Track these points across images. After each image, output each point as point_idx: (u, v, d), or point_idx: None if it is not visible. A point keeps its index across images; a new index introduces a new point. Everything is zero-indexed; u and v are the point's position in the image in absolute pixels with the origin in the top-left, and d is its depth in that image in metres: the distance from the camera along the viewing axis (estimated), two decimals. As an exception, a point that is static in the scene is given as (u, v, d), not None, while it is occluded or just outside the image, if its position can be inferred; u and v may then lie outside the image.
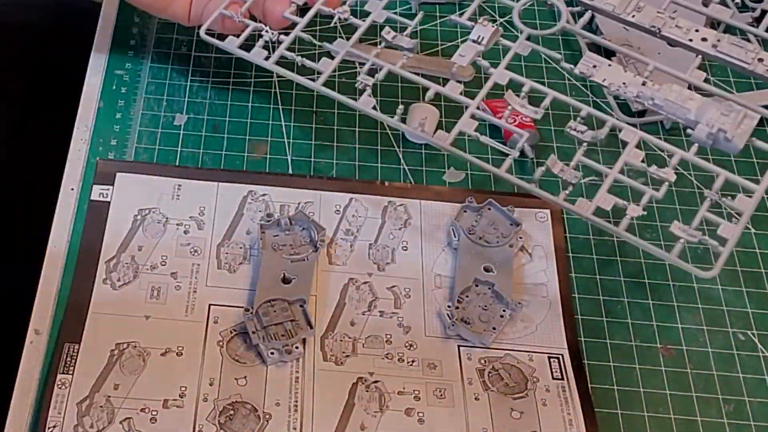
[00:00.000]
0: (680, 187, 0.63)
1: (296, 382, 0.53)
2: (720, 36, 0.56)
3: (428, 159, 0.63)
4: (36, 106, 0.82)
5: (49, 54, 0.70)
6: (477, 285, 0.57)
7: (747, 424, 0.53)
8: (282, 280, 0.55)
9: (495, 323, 0.55)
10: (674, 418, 0.53)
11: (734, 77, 0.70)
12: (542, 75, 0.69)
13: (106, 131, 0.63)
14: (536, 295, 0.57)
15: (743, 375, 0.55)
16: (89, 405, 0.51)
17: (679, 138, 0.66)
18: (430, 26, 0.71)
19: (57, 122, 0.66)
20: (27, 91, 0.83)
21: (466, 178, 0.63)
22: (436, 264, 0.58)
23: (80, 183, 0.60)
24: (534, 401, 0.53)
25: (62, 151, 0.62)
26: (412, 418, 0.52)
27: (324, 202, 0.60)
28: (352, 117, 0.65)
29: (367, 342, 0.55)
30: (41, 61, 0.72)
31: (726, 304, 0.58)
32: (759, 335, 0.57)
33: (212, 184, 0.60)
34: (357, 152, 0.63)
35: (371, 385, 0.53)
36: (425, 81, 0.56)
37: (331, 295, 0.56)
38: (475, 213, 0.59)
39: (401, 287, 0.57)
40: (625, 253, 0.60)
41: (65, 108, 0.65)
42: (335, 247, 0.58)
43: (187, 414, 0.51)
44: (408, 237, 0.59)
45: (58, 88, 0.70)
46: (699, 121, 0.52)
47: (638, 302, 0.58)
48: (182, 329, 0.54)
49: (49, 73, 0.76)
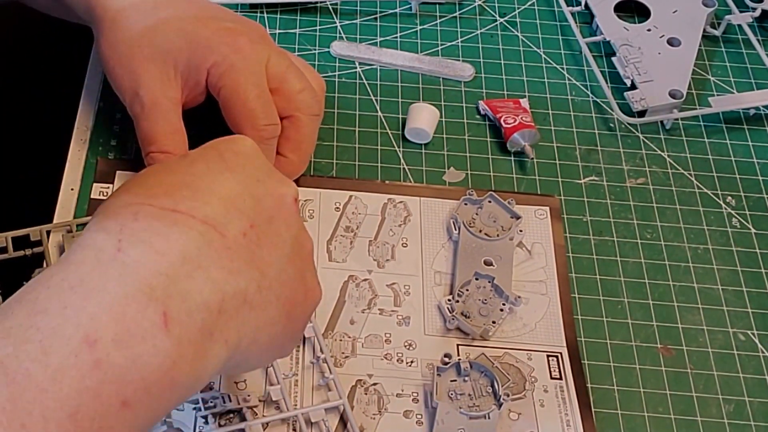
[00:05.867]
0: (680, 187, 0.63)
1: (295, 386, 0.53)
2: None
3: (428, 159, 0.63)
4: (36, 106, 0.82)
5: (49, 54, 0.70)
6: (477, 278, 0.57)
7: (747, 424, 0.53)
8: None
9: (494, 317, 0.55)
10: (674, 418, 0.53)
11: (734, 77, 0.70)
12: (542, 75, 0.69)
13: (106, 131, 0.63)
14: (535, 293, 0.57)
15: (743, 375, 0.55)
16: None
17: (680, 138, 0.66)
18: (430, 26, 0.71)
19: (57, 122, 0.66)
20: (27, 90, 0.83)
21: (466, 179, 0.62)
22: (436, 261, 0.58)
23: (80, 183, 0.60)
24: (532, 402, 0.53)
25: (62, 151, 0.62)
26: (410, 420, 0.52)
27: (324, 199, 0.60)
28: (352, 117, 0.65)
29: (366, 342, 0.55)
30: (41, 60, 0.72)
31: (726, 304, 0.58)
32: (759, 335, 0.57)
33: (212, 183, 0.60)
34: (357, 152, 0.63)
35: (370, 388, 0.53)
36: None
37: (331, 293, 0.56)
38: (476, 206, 0.59)
39: (401, 284, 0.57)
40: (625, 253, 0.60)
41: (65, 108, 0.65)
42: (335, 244, 0.58)
43: (188, 415, 0.51)
44: (408, 234, 0.59)
45: (58, 87, 0.70)
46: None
47: (638, 302, 0.58)
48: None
49: (49, 73, 0.76)
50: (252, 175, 0.44)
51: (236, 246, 0.41)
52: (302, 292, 0.45)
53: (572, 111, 0.67)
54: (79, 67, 0.66)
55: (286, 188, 0.45)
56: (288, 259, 0.43)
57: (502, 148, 0.64)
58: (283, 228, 0.43)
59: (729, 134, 0.66)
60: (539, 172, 0.63)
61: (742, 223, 0.61)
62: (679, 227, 0.61)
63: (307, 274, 0.45)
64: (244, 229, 0.42)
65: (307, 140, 0.58)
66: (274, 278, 0.42)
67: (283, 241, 0.43)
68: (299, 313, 0.45)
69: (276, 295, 0.43)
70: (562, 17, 0.72)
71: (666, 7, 0.71)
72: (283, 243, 0.43)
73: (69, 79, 0.67)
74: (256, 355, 0.44)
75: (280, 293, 0.43)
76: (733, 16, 0.71)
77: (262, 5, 0.71)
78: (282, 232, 0.43)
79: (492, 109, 0.65)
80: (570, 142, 0.65)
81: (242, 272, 0.41)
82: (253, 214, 0.42)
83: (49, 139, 0.67)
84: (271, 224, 0.43)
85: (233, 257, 0.41)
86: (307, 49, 0.69)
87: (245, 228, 0.42)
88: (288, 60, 0.57)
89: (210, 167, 0.43)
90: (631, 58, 0.67)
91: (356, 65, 0.68)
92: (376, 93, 0.67)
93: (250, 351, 0.43)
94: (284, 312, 0.43)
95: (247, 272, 0.41)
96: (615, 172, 0.63)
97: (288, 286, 0.43)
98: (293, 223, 0.44)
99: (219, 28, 0.56)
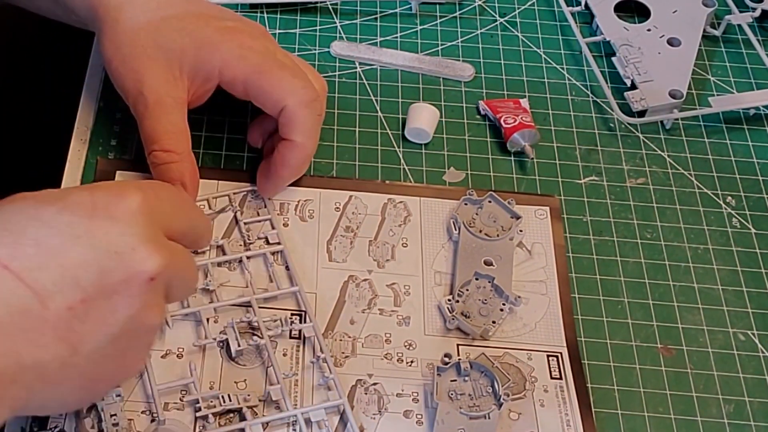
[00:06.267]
0: (680, 187, 0.63)
1: (295, 386, 0.53)
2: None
3: (428, 159, 0.63)
4: (36, 106, 0.82)
5: (49, 53, 0.70)
6: (477, 278, 0.57)
7: (747, 424, 0.53)
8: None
9: (495, 317, 0.55)
10: (674, 418, 0.53)
11: (734, 77, 0.70)
12: (542, 75, 0.69)
13: (106, 131, 0.63)
14: (535, 293, 0.57)
15: (743, 375, 0.55)
16: (89, 407, 0.51)
17: (680, 138, 0.66)
18: (430, 26, 0.71)
19: (57, 122, 0.66)
20: (27, 90, 0.83)
21: (466, 179, 0.62)
22: (436, 261, 0.58)
23: (80, 183, 0.60)
24: (532, 402, 0.53)
25: (62, 151, 0.62)
26: (410, 420, 0.52)
27: (323, 199, 0.60)
28: (352, 117, 0.65)
29: (366, 341, 0.55)
30: (41, 60, 0.72)
31: (726, 304, 0.58)
32: (759, 335, 0.57)
33: (212, 182, 0.60)
34: (357, 152, 0.63)
35: (370, 388, 0.53)
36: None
37: (331, 293, 0.56)
38: (476, 206, 0.59)
39: (401, 284, 0.57)
40: (625, 253, 0.60)
41: (65, 108, 0.65)
42: (335, 244, 0.58)
43: (187, 415, 0.51)
44: (408, 234, 0.59)
45: (58, 87, 0.70)
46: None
47: (638, 302, 0.58)
48: (182, 329, 0.54)
49: (49, 73, 0.76)
50: (111, 243, 0.42)
51: (55, 319, 0.40)
52: (113, 371, 0.44)
53: (572, 111, 0.67)
54: (79, 67, 0.66)
55: (148, 265, 0.43)
56: (113, 338, 0.42)
57: (502, 148, 0.64)
58: (121, 306, 0.42)
59: (729, 134, 0.66)
60: (539, 172, 0.63)
61: (742, 223, 0.61)
62: (679, 227, 0.61)
63: (129, 353, 0.44)
64: (72, 303, 0.41)
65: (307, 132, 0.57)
66: (86, 356, 0.42)
67: (115, 319, 0.42)
68: (102, 388, 0.45)
69: (80, 373, 0.42)
70: (562, 17, 0.72)
71: (666, 7, 0.71)
72: (114, 321, 0.42)
73: (69, 79, 0.67)
74: (43, 412, 0.45)
75: (87, 371, 0.42)
76: (733, 16, 0.71)
77: (262, 5, 0.71)
78: (118, 309, 0.42)
79: (492, 109, 0.65)
80: (570, 142, 0.65)
81: (49, 348, 0.40)
82: (91, 289, 0.41)
83: (49, 139, 0.67)
84: (108, 300, 0.42)
85: (45, 331, 0.40)
86: (307, 49, 0.69)
87: (74, 302, 0.41)
88: (290, 59, 0.57)
89: (72, 224, 0.42)
90: (631, 58, 0.67)
91: (356, 65, 0.68)
92: (376, 93, 0.67)
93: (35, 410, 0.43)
94: (85, 387, 0.43)
95: (55, 348, 0.40)
96: (615, 172, 0.63)
97: (99, 365, 0.43)
98: (135, 303, 0.42)
99: (220, 27, 0.56)
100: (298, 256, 0.58)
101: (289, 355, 0.54)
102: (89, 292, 0.41)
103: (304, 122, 0.56)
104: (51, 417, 0.50)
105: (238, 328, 0.54)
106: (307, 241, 0.58)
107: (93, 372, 0.43)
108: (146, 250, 0.43)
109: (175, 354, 0.53)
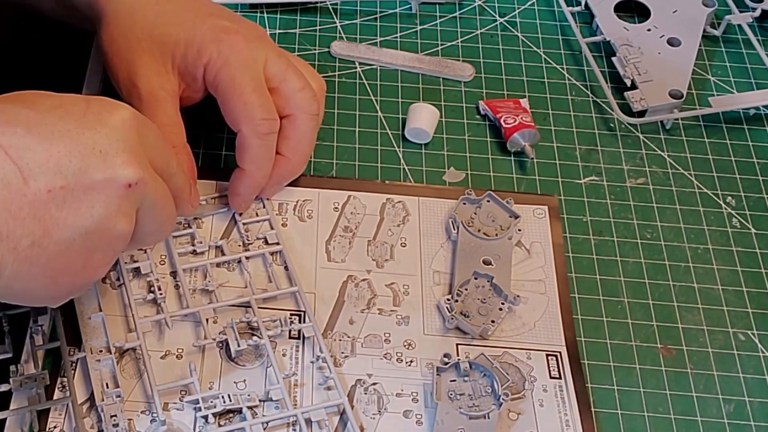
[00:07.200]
0: (680, 187, 0.63)
1: (295, 386, 0.53)
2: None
3: (428, 159, 0.63)
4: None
5: (49, 53, 0.70)
6: (476, 278, 0.57)
7: (747, 424, 0.53)
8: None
9: (494, 316, 0.55)
10: (674, 418, 0.53)
11: (734, 77, 0.70)
12: (542, 75, 0.69)
13: (106, 131, 0.63)
14: (534, 292, 0.57)
15: (743, 375, 0.55)
16: (89, 407, 0.51)
17: (679, 138, 0.66)
18: (430, 26, 0.71)
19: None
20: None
21: (466, 179, 0.62)
22: (435, 260, 0.58)
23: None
24: (531, 401, 0.53)
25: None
26: (410, 420, 0.52)
27: (322, 199, 0.60)
28: (352, 117, 0.65)
29: (365, 341, 0.55)
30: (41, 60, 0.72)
31: (726, 304, 0.58)
32: (759, 335, 0.56)
33: (212, 182, 0.60)
34: (357, 152, 0.63)
35: (369, 387, 0.53)
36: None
37: (330, 293, 0.56)
38: (474, 205, 0.59)
39: (400, 284, 0.57)
40: (625, 253, 0.59)
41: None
42: (333, 244, 0.58)
43: (187, 415, 0.51)
44: (406, 234, 0.59)
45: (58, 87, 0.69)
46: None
47: (638, 302, 0.57)
48: (182, 330, 0.54)
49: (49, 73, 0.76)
50: (98, 142, 0.44)
51: (33, 198, 0.42)
52: (78, 268, 0.45)
53: (572, 111, 0.67)
54: (79, 67, 0.66)
55: (129, 171, 0.44)
56: (84, 232, 0.44)
57: (502, 148, 0.64)
58: (97, 203, 0.44)
59: (729, 134, 0.66)
60: (539, 172, 0.63)
61: (742, 223, 0.61)
62: (679, 227, 0.61)
63: (95, 254, 0.45)
64: (53, 187, 0.43)
65: (306, 140, 0.58)
66: (56, 241, 0.43)
67: (90, 214, 0.44)
68: (67, 282, 0.46)
69: (48, 257, 0.43)
70: (562, 17, 0.72)
71: (666, 7, 0.71)
72: (89, 216, 0.44)
73: (69, 79, 0.67)
74: (9, 296, 0.45)
75: (54, 258, 0.44)
76: (733, 16, 0.71)
77: (262, 5, 0.71)
78: (94, 206, 0.44)
79: (492, 109, 0.65)
80: (570, 142, 0.65)
81: (25, 222, 0.42)
82: (72, 179, 0.43)
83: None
84: (86, 194, 0.43)
85: (23, 206, 0.42)
86: (307, 49, 0.69)
87: (54, 186, 0.43)
88: (287, 60, 0.57)
89: (63, 118, 0.44)
90: (631, 58, 0.67)
91: (356, 65, 0.68)
92: (376, 93, 0.67)
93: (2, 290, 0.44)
94: (49, 276, 0.44)
95: (29, 224, 0.42)
96: (615, 172, 0.63)
97: (66, 257, 0.44)
98: (111, 204, 0.44)
99: (215, 25, 0.56)
100: (297, 256, 0.58)
101: (289, 355, 0.54)
102: (70, 182, 0.43)
103: (254, 153, 0.56)
104: (51, 417, 0.50)
105: (238, 328, 0.54)
106: (306, 241, 0.58)
107: (59, 262, 0.44)
108: (128, 158, 0.45)
109: (175, 354, 0.53)
